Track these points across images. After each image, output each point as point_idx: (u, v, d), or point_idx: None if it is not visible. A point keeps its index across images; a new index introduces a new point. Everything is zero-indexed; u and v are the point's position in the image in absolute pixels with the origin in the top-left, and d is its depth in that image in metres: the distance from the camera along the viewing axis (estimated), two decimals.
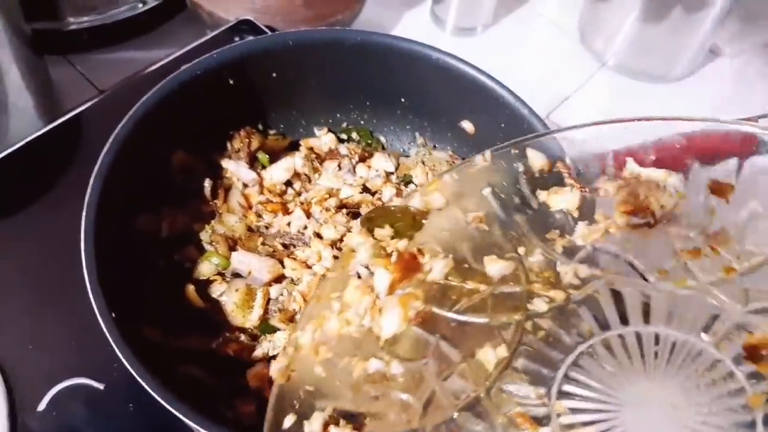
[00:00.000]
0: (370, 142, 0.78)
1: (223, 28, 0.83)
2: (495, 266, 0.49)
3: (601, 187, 0.50)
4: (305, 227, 0.67)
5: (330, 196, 0.69)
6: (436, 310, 0.48)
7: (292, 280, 0.64)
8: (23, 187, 0.69)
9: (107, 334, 0.49)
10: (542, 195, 0.52)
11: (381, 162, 0.74)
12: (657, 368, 0.43)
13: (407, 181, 0.74)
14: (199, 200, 0.68)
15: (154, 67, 0.78)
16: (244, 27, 0.84)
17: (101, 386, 0.59)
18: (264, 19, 0.85)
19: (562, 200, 0.52)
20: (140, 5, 0.90)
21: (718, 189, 0.47)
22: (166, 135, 0.64)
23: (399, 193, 0.70)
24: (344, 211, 0.68)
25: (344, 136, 0.78)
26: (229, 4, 0.87)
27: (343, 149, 0.75)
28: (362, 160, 0.74)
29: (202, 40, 0.81)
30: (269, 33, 0.82)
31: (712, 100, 1.01)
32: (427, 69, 0.67)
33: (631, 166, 0.50)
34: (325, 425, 0.44)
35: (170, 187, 0.67)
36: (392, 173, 0.74)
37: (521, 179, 0.53)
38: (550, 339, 0.46)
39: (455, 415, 0.44)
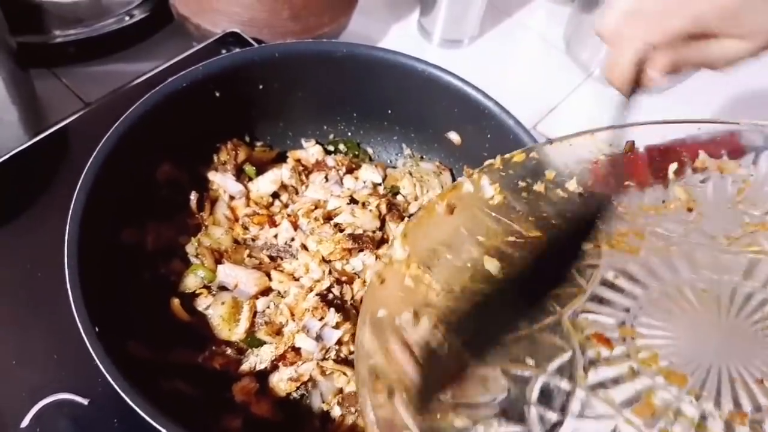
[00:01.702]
0: (357, 153, 0.78)
1: (209, 41, 0.83)
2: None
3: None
4: (292, 239, 0.67)
5: (317, 208, 0.69)
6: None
7: (279, 292, 0.63)
8: (8, 200, 0.68)
9: (91, 349, 0.48)
10: None
11: (368, 173, 0.74)
12: (726, 312, 0.46)
13: (395, 192, 0.74)
14: (185, 213, 0.68)
15: (140, 80, 0.77)
16: (231, 39, 0.84)
17: (85, 401, 0.58)
18: (251, 31, 0.86)
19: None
20: (127, 18, 0.90)
21: None
22: (152, 148, 0.63)
23: (389, 204, 0.70)
24: (332, 222, 0.68)
25: (331, 148, 0.78)
26: (216, 16, 0.87)
27: (330, 161, 0.75)
28: (349, 171, 0.74)
29: (189, 52, 0.81)
30: (256, 45, 0.82)
31: (695, 110, 1.02)
32: (413, 81, 0.68)
33: (704, 157, 0.55)
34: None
35: (156, 199, 0.66)
36: (379, 184, 0.74)
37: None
38: (626, 282, 0.49)
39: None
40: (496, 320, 0.48)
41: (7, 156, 0.70)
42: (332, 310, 0.60)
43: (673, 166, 0.55)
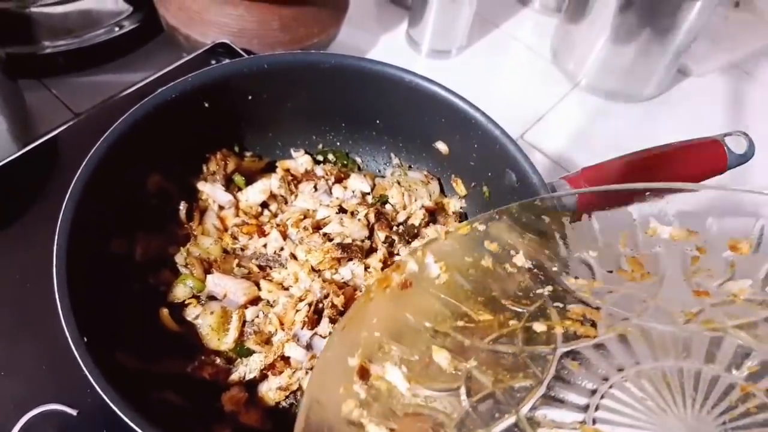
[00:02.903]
0: (345, 163, 0.78)
1: (199, 51, 0.84)
2: (521, 307, 0.51)
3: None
4: (282, 248, 0.68)
5: (306, 218, 0.70)
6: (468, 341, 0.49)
7: (268, 302, 0.64)
8: None
9: (79, 359, 0.48)
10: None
11: (357, 183, 0.74)
12: (692, 402, 0.44)
13: (383, 201, 0.74)
14: (174, 223, 0.68)
15: (129, 90, 0.78)
16: (221, 50, 0.84)
17: (74, 412, 0.58)
18: (240, 42, 0.86)
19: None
20: (117, 29, 0.91)
21: (734, 247, 0.50)
22: (141, 158, 0.63)
23: (377, 213, 0.70)
24: (321, 232, 0.68)
25: (320, 158, 0.78)
26: (206, 27, 0.87)
27: (319, 170, 0.75)
28: (338, 181, 0.75)
29: (179, 63, 0.82)
30: (245, 56, 0.83)
31: (681, 119, 1.04)
32: (400, 91, 0.68)
33: (654, 224, 0.52)
34: None
35: (145, 210, 0.66)
36: (368, 193, 0.74)
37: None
38: (584, 370, 0.47)
39: None
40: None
41: None
42: (326, 319, 0.60)
43: (623, 234, 0.52)
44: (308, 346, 0.59)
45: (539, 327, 0.50)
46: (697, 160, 0.68)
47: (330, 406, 0.45)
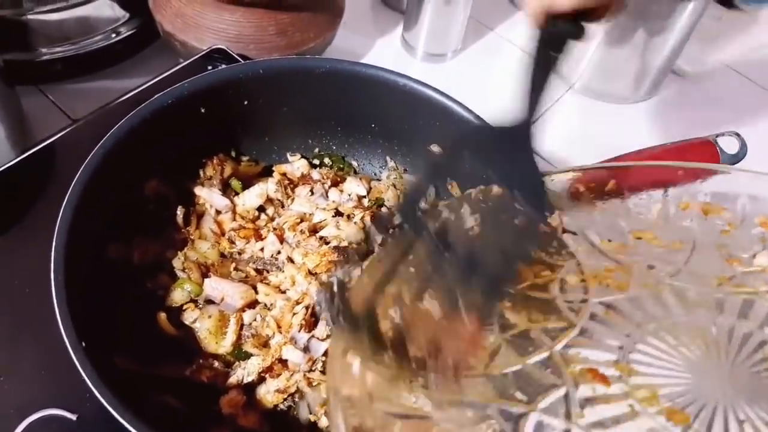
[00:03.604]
0: (342, 166, 0.79)
1: (195, 57, 0.84)
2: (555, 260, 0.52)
3: None
4: (279, 252, 0.68)
5: (303, 221, 0.70)
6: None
7: (266, 305, 0.64)
8: None
9: (77, 364, 0.49)
10: None
11: (353, 186, 0.75)
12: (725, 353, 0.44)
13: (379, 204, 0.75)
14: (172, 228, 0.68)
15: (127, 96, 0.78)
16: (217, 56, 0.85)
17: (74, 417, 0.58)
18: (237, 47, 0.87)
19: None
20: (113, 35, 0.91)
21: (765, 223, 0.51)
22: (138, 163, 0.64)
23: (373, 216, 0.71)
24: (317, 235, 0.69)
25: (317, 162, 0.79)
26: (202, 33, 0.88)
27: (315, 174, 0.76)
28: (334, 184, 0.75)
29: (175, 68, 0.82)
30: (242, 61, 0.83)
31: (675, 120, 1.04)
32: (395, 95, 0.69)
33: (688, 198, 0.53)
34: None
35: (142, 215, 0.67)
36: (364, 197, 0.75)
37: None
38: (618, 318, 0.47)
39: (522, 365, 0.45)
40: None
41: None
42: (323, 322, 0.60)
43: (656, 207, 0.54)
44: (305, 349, 0.59)
45: (572, 279, 0.50)
46: (690, 161, 0.69)
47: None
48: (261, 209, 0.73)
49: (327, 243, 0.68)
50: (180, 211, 0.68)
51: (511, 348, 0.46)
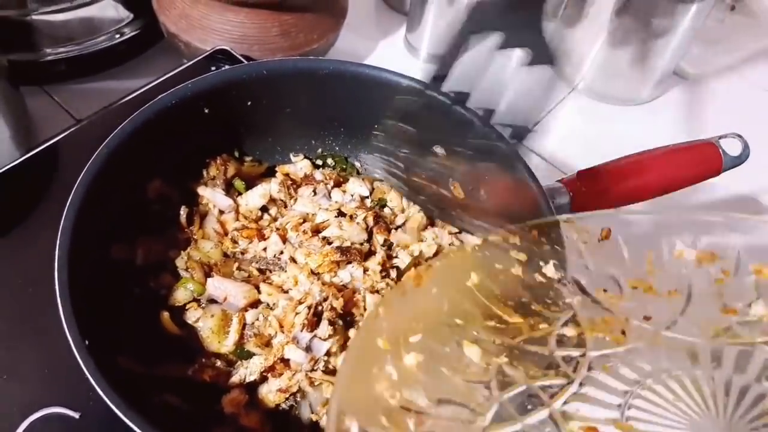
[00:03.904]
0: (344, 167, 0.79)
1: (199, 58, 0.85)
2: (552, 314, 0.52)
3: None
4: (281, 252, 0.68)
5: (305, 221, 0.70)
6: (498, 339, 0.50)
7: (268, 305, 0.64)
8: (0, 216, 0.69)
9: (81, 362, 0.49)
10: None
11: (356, 187, 0.75)
12: (723, 407, 0.45)
13: (382, 204, 0.75)
14: (175, 227, 0.68)
15: (130, 97, 0.79)
16: (221, 56, 0.85)
17: (76, 415, 0.58)
18: (241, 48, 0.87)
19: None
20: (117, 36, 0.92)
21: (759, 271, 0.51)
22: (142, 164, 0.64)
23: (376, 217, 0.71)
24: (320, 235, 0.69)
25: (319, 162, 0.79)
26: (206, 34, 0.88)
27: (318, 175, 0.76)
28: (337, 185, 0.76)
29: (179, 69, 0.83)
30: (245, 62, 0.83)
31: (678, 122, 1.04)
32: (397, 96, 0.69)
33: (681, 247, 0.54)
34: None
35: (146, 215, 0.67)
36: (367, 197, 0.75)
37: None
38: (616, 372, 0.48)
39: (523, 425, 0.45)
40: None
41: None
42: (325, 322, 0.61)
43: (650, 254, 0.54)
44: (308, 348, 0.59)
45: (570, 332, 0.51)
46: (692, 163, 0.69)
47: (361, 396, 0.46)
48: (264, 209, 0.73)
49: (329, 243, 0.68)
50: (183, 211, 0.69)
51: (510, 408, 0.46)
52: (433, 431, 0.45)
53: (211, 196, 0.71)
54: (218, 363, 0.61)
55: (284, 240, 0.69)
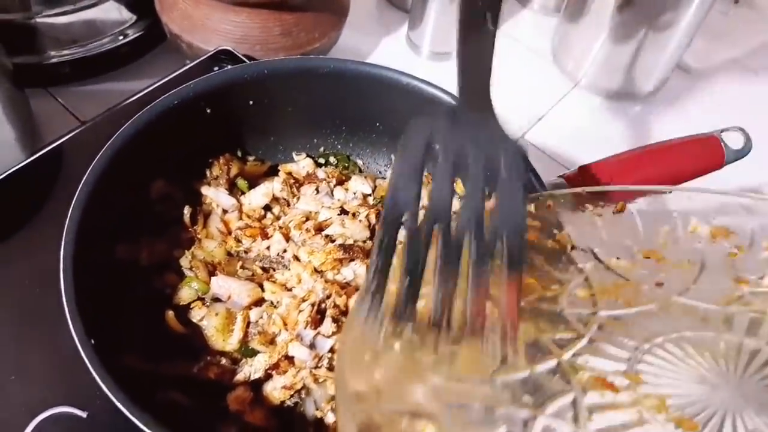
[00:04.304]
0: (347, 165, 0.79)
1: (202, 58, 0.85)
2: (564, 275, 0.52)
3: None
4: (285, 250, 0.69)
5: (308, 219, 0.71)
6: None
7: (272, 303, 0.65)
8: (5, 217, 0.70)
9: (87, 361, 0.49)
10: None
11: (358, 184, 0.75)
12: (734, 366, 0.44)
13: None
14: (179, 227, 0.69)
15: (134, 98, 0.79)
16: (223, 57, 0.86)
17: (84, 414, 0.59)
18: (243, 48, 0.87)
19: None
20: (121, 38, 0.92)
21: None
22: (145, 164, 0.65)
23: (378, 214, 0.71)
24: (323, 233, 0.69)
25: (322, 161, 0.79)
26: (208, 34, 0.89)
27: (320, 173, 0.76)
28: (340, 183, 0.76)
29: (182, 70, 0.83)
30: (248, 62, 0.84)
31: (681, 116, 1.04)
32: (399, 94, 0.69)
33: (695, 222, 0.54)
34: None
35: (150, 215, 0.68)
36: (369, 195, 0.75)
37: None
38: (627, 331, 0.48)
39: (531, 372, 0.45)
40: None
41: (5, 174, 0.71)
42: (329, 319, 0.61)
43: (665, 228, 0.54)
44: (312, 346, 0.60)
45: (581, 292, 0.51)
46: (695, 156, 0.69)
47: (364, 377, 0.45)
48: (267, 208, 0.73)
49: (332, 241, 0.68)
50: (187, 211, 0.69)
51: (520, 356, 0.46)
52: None
53: (215, 195, 0.71)
54: (223, 361, 0.61)
55: (287, 238, 0.69)
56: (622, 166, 0.68)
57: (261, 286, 0.65)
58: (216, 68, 0.83)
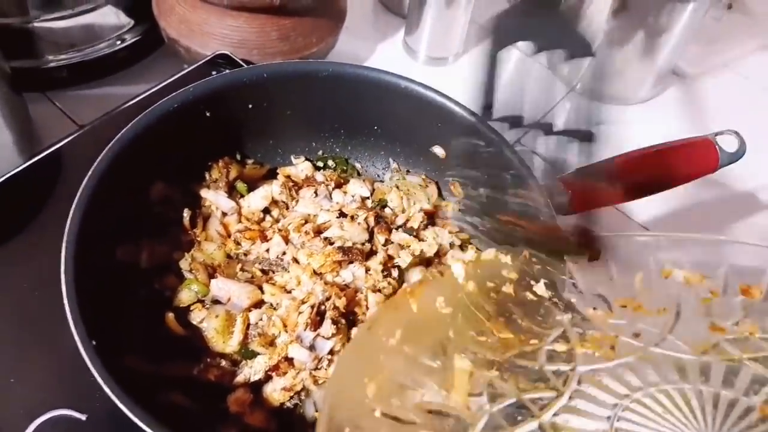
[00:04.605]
0: (345, 168, 0.80)
1: (200, 63, 0.85)
2: (542, 330, 0.53)
3: None
4: (284, 253, 0.69)
5: (307, 222, 0.71)
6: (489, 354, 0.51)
7: (272, 305, 0.65)
8: (5, 221, 0.70)
9: (89, 363, 0.49)
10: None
11: (356, 187, 0.76)
12: (712, 420, 0.45)
13: (382, 205, 0.76)
14: (179, 230, 0.69)
15: (132, 102, 0.79)
16: (221, 61, 0.86)
17: (83, 417, 0.59)
18: (241, 53, 0.88)
19: None
20: (119, 42, 0.92)
21: (746, 291, 0.53)
22: (145, 167, 0.65)
23: (377, 217, 0.71)
24: (321, 236, 0.70)
25: (320, 164, 0.80)
26: (206, 39, 0.89)
27: (319, 176, 0.77)
28: (338, 186, 0.76)
29: (180, 74, 0.83)
30: (245, 66, 0.84)
31: (676, 121, 1.05)
32: (396, 97, 0.70)
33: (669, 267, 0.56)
34: None
35: (150, 217, 0.68)
36: (367, 198, 0.76)
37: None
38: (605, 386, 0.48)
39: None
40: None
41: (3, 178, 0.71)
42: (328, 321, 0.61)
43: (639, 275, 0.55)
44: (311, 347, 0.60)
45: (560, 347, 0.52)
46: (689, 159, 0.70)
47: (353, 398, 0.46)
48: (266, 211, 0.74)
49: (331, 243, 0.68)
50: (186, 214, 0.69)
51: (500, 418, 0.47)
52: None
53: (214, 198, 0.71)
54: (223, 363, 0.61)
55: (286, 241, 0.69)
56: (618, 169, 0.68)
57: (260, 288, 0.66)
58: (214, 72, 0.84)
